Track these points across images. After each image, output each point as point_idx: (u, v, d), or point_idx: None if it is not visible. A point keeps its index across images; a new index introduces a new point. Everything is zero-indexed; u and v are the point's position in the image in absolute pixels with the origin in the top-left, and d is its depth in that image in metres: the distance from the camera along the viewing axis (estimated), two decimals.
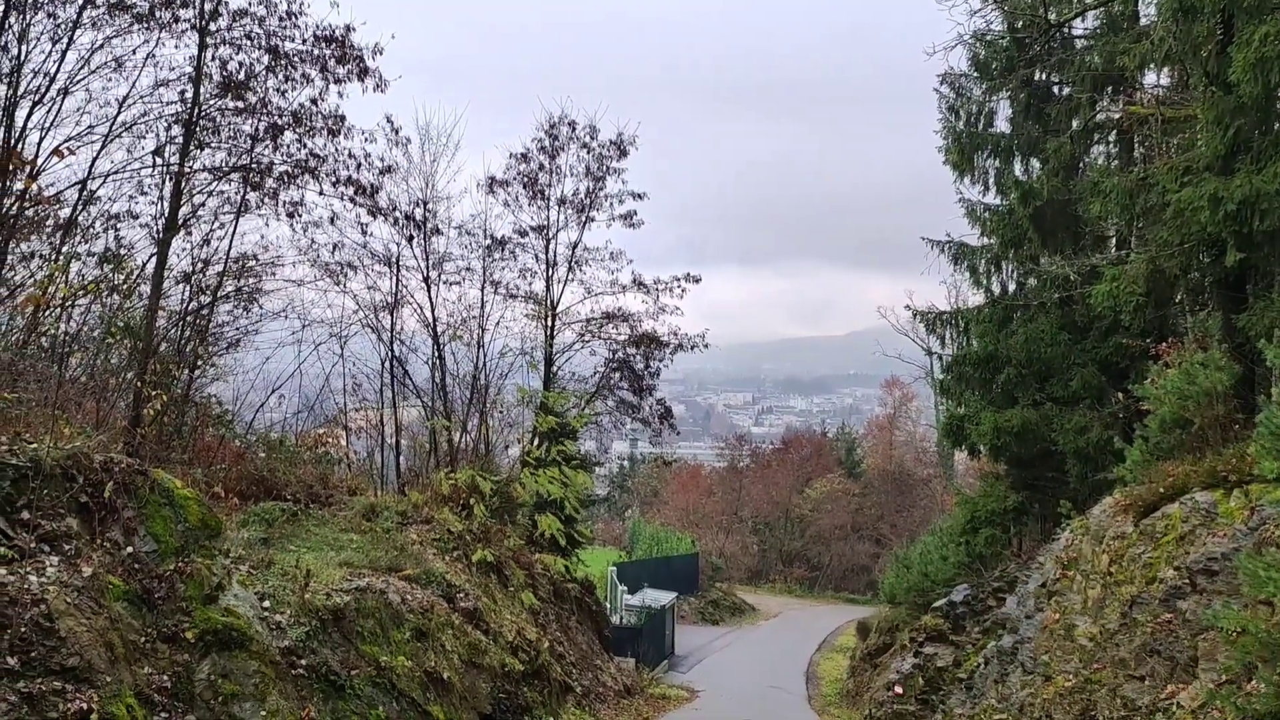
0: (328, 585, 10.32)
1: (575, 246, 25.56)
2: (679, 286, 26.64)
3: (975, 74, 20.15)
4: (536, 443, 21.23)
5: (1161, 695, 8.18)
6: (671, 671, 27.26)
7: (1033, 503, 19.47)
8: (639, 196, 25.82)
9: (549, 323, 25.32)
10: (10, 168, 12.22)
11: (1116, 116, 18.03)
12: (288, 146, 16.35)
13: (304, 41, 15.57)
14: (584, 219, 25.51)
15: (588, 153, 25.18)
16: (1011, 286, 21.00)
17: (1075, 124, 18.75)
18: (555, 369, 25.51)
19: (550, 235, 25.28)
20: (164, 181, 15.16)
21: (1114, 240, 18.75)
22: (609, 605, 26.89)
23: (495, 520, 17.24)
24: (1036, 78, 19.35)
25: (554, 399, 22.29)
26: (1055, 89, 19.65)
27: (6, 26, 12.24)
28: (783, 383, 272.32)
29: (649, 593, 32.32)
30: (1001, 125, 20.51)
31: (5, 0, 11.96)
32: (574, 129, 24.98)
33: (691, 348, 27.29)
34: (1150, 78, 17.09)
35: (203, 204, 16.03)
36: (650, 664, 25.62)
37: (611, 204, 25.65)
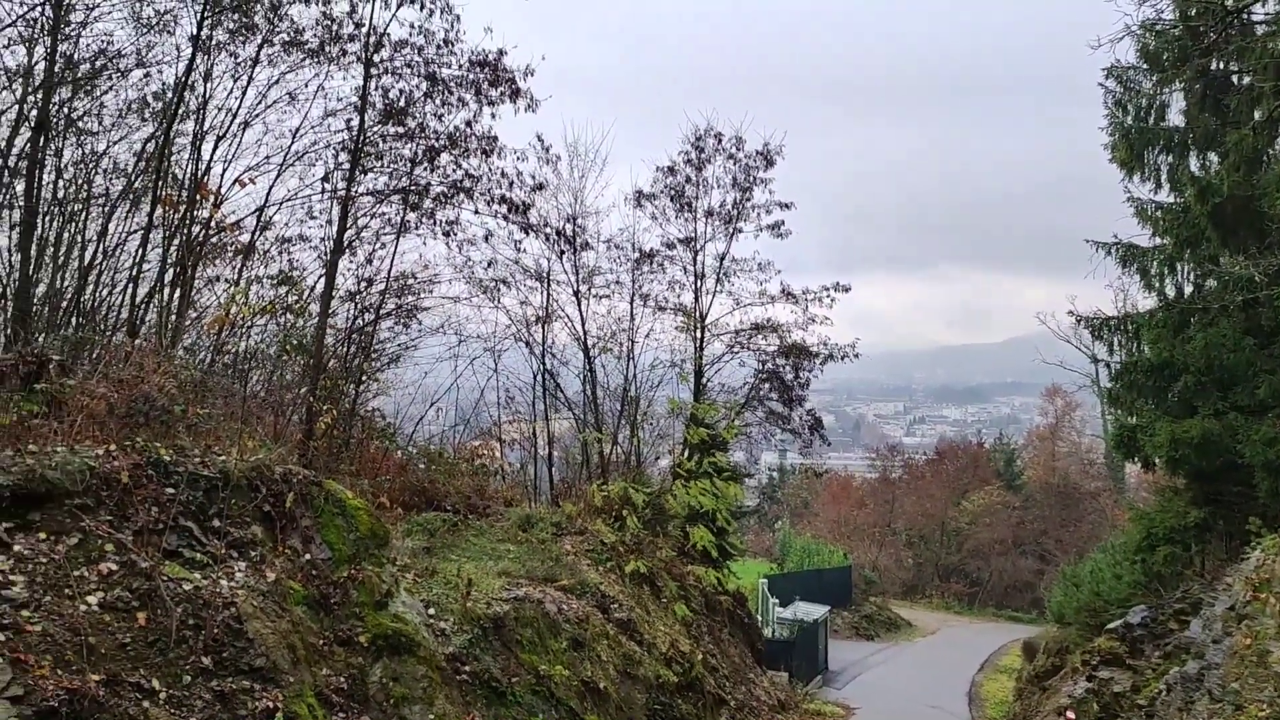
0: (488, 594, 10.58)
1: (723, 258, 25.58)
2: (828, 296, 26.28)
3: (1144, 66, 19.14)
4: (687, 454, 21.26)
5: None
6: (826, 687, 26.81)
7: (1217, 519, 18.21)
8: (786, 206, 25.66)
9: (698, 334, 25.36)
10: (199, 197, 13.14)
11: None
12: (444, 168, 16.95)
13: (459, 67, 16.12)
14: (731, 230, 25.50)
15: (734, 164, 25.17)
16: (1187, 289, 19.77)
17: (1258, 115, 17.49)
18: (705, 380, 25.52)
19: (698, 247, 25.37)
20: (331, 205, 15.99)
21: None
22: (760, 618, 26.66)
23: (647, 532, 17.34)
24: (1213, 67, 18.21)
25: (704, 410, 22.29)
26: (1234, 78, 18.44)
27: (194, 66, 13.18)
28: (935, 391, 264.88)
29: (801, 606, 31.90)
30: (1174, 119, 19.41)
31: (193, 43, 12.88)
32: (720, 141, 25.02)
33: (841, 358, 26.83)
34: None
35: (366, 225, 16.81)
36: (803, 679, 25.27)
37: (759, 214, 25.59)
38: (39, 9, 12.04)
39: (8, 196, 12.34)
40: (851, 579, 44.82)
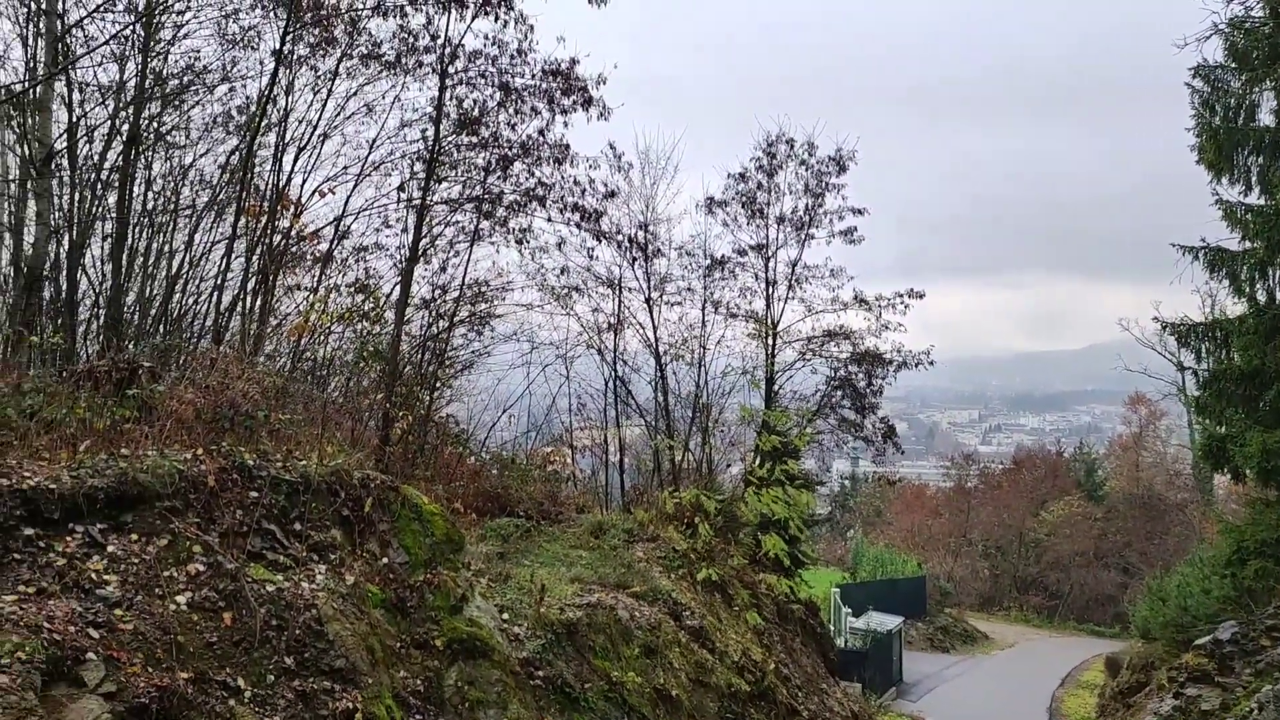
0: (561, 600, 10.61)
1: (795, 264, 25.33)
2: (901, 303, 25.83)
3: (1233, 65, 18.51)
4: (759, 462, 21.11)
5: None
6: (900, 699, 26.38)
7: None
8: (859, 212, 25.30)
9: (769, 341, 25.16)
10: (280, 208, 13.48)
11: None
12: (517, 176, 17.13)
13: (532, 77, 16.26)
14: (803, 236, 25.24)
15: (806, 170, 24.92)
16: (1279, 295, 19.08)
17: None
18: (776, 388, 25.30)
19: (769, 254, 25.17)
20: (407, 214, 16.27)
21: None
22: (833, 628, 26.35)
23: (719, 539, 17.23)
24: None
25: (776, 418, 22.10)
26: None
27: (276, 80, 13.54)
28: (1012, 399, 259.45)
29: (874, 616, 31.46)
30: (1265, 119, 18.73)
31: (275, 57, 13.24)
32: (792, 147, 24.81)
33: (915, 365, 26.34)
34: None
35: (440, 234, 17.07)
36: (877, 690, 24.88)
37: (831, 220, 25.26)
38: (130, 27, 12.48)
39: (101, 208, 12.80)
40: (926, 589, 44.08)
